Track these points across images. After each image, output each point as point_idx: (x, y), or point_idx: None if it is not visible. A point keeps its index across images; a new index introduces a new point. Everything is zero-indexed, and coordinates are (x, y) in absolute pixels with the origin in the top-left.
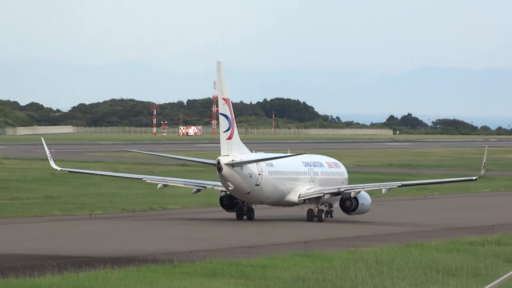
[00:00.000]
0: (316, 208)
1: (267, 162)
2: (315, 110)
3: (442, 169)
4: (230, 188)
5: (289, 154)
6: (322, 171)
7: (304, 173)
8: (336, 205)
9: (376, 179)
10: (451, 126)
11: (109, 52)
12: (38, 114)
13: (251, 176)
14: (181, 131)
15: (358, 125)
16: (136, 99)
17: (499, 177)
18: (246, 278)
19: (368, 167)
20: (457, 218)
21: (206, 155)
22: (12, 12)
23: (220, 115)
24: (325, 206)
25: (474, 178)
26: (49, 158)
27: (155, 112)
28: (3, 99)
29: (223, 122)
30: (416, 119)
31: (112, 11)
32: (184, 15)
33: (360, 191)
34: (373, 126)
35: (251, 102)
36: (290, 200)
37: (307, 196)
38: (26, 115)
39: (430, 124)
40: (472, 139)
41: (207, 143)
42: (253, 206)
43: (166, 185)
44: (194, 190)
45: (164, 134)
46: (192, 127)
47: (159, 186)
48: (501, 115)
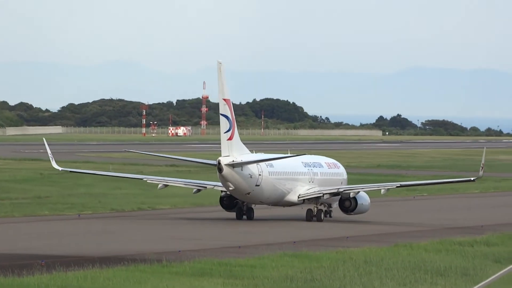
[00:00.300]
0: (315, 208)
1: (267, 162)
2: (305, 110)
3: (431, 170)
4: (230, 189)
5: (290, 155)
6: (321, 172)
7: (304, 173)
8: (335, 205)
9: (366, 180)
10: (440, 127)
11: (98, 52)
12: (28, 114)
13: (251, 177)
14: (171, 131)
15: (347, 126)
16: (125, 99)
17: (488, 178)
18: (234, 277)
19: (358, 168)
20: (446, 218)
21: (198, 155)
22: (0, 12)
23: (220, 116)
24: (324, 206)
25: (472, 179)
26: (50, 159)
27: (144, 113)
28: None
29: (224, 123)
30: (405, 120)
31: (101, 11)
32: (174, 15)
33: (359, 192)
34: (363, 127)
35: (240, 103)
36: (290, 200)
37: (306, 196)
38: (16, 115)
39: (419, 125)
40: (461, 140)
41: (196, 144)
42: (253, 206)
43: (167, 185)
44: (195, 191)
45: (153, 135)
46: (182, 128)
47: (159, 186)
48: (490, 116)
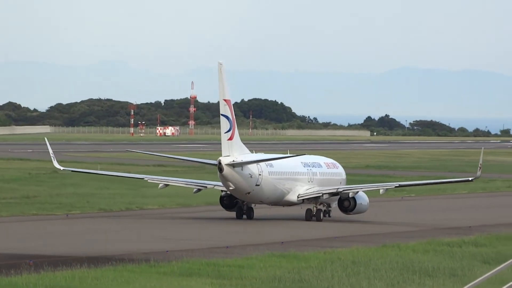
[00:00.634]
0: (314, 208)
1: (267, 162)
2: (293, 111)
3: (419, 170)
4: (230, 188)
5: (289, 155)
6: (320, 172)
7: (303, 173)
8: (334, 205)
9: (354, 181)
10: (428, 128)
11: (86, 52)
12: (16, 114)
13: (251, 176)
14: (159, 131)
15: (335, 126)
16: (113, 99)
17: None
18: (222, 278)
19: (346, 168)
20: (434, 219)
21: (187, 155)
22: None
23: (221, 116)
24: (324, 206)
25: (470, 179)
26: (52, 158)
27: (132, 112)
28: None
29: (224, 123)
30: (393, 120)
31: (90, 11)
32: (161, 15)
33: (358, 192)
34: (351, 127)
35: None
36: (289, 200)
37: (306, 196)
38: (4, 115)
39: (407, 125)
40: (449, 140)
41: (185, 144)
42: (253, 206)
43: (167, 185)
44: (195, 190)
45: (141, 135)
46: (170, 128)
47: (160, 186)
48: (478, 117)
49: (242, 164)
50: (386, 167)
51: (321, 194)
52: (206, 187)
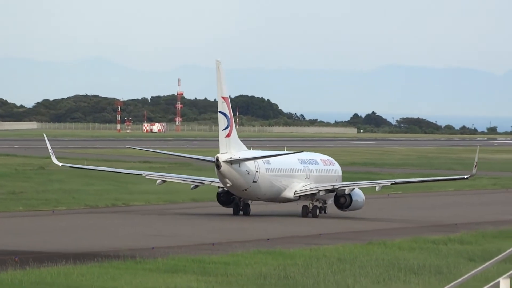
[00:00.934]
0: (310, 205)
1: (264, 159)
2: (280, 108)
3: (406, 168)
4: (228, 185)
5: (287, 152)
6: (317, 169)
7: (300, 170)
8: (330, 201)
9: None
10: (415, 125)
11: (73, 48)
12: (2, 110)
13: (248, 173)
14: (145, 128)
15: (322, 123)
16: (100, 95)
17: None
18: (208, 274)
19: None
20: (420, 216)
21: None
22: None
23: (219, 113)
24: (320, 202)
25: (465, 176)
26: (51, 154)
27: (119, 109)
28: None
29: (222, 120)
30: (380, 117)
31: (76, 7)
32: (148, 11)
33: (354, 189)
34: (337, 124)
35: (215, 100)
36: (286, 197)
37: (302, 192)
38: None
39: (394, 122)
40: (435, 138)
41: (171, 140)
42: (250, 202)
43: (165, 181)
44: (192, 186)
45: (128, 131)
46: (156, 124)
47: (158, 182)
48: (465, 114)
49: (239, 161)
50: (373, 164)
51: (317, 191)
52: (203, 183)
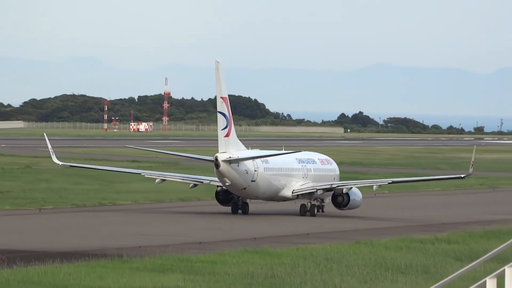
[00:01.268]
0: (308, 204)
1: (262, 159)
2: (267, 107)
3: (393, 167)
4: (227, 184)
5: (285, 152)
6: (314, 168)
7: (298, 169)
8: (328, 200)
9: None
10: (402, 125)
11: (60, 47)
12: None
13: (247, 173)
14: (132, 127)
15: (309, 123)
16: (87, 94)
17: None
18: (195, 273)
19: None
20: (407, 216)
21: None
22: None
23: (218, 113)
24: (317, 201)
25: (462, 176)
26: (51, 153)
27: (106, 108)
28: None
29: (221, 120)
30: (367, 117)
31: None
32: (135, 11)
33: (351, 188)
34: (324, 124)
35: (202, 99)
36: (284, 196)
37: (300, 191)
38: None
39: (381, 122)
40: (422, 138)
41: (158, 140)
42: (248, 201)
43: (164, 180)
44: (191, 185)
45: (115, 130)
46: (143, 123)
47: (157, 181)
48: (452, 114)
49: (238, 161)
50: (360, 164)
51: (315, 190)
52: (202, 182)
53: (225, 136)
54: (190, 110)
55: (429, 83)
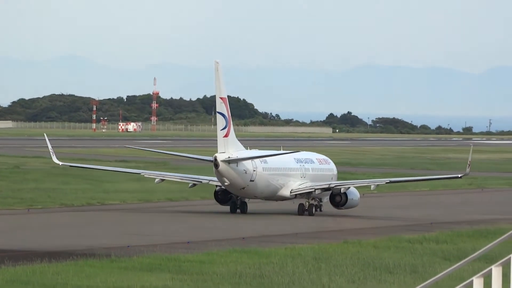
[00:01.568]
0: (307, 203)
1: (261, 159)
2: (255, 107)
3: (382, 167)
4: (226, 184)
5: (284, 152)
6: (312, 168)
7: (296, 169)
8: (326, 199)
9: None
10: (390, 125)
11: (49, 47)
12: None
13: (246, 172)
14: (121, 127)
15: (297, 123)
16: (76, 94)
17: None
18: (183, 273)
19: None
20: (395, 216)
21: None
22: None
23: (217, 114)
24: (315, 201)
25: (459, 175)
26: (51, 154)
27: (94, 108)
28: None
29: (220, 121)
30: (355, 117)
31: (52, 5)
32: (124, 10)
33: (349, 187)
34: (313, 124)
35: (190, 99)
36: (283, 195)
37: (298, 191)
38: None
39: (369, 122)
40: (411, 138)
41: (147, 140)
42: (247, 200)
43: (164, 180)
44: (190, 185)
45: (103, 130)
46: (132, 123)
47: (156, 181)
48: (440, 114)
49: (237, 161)
50: (348, 164)
51: (313, 190)
52: (201, 181)
53: (224, 136)
54: (179, 110)
55: (418, 83)
